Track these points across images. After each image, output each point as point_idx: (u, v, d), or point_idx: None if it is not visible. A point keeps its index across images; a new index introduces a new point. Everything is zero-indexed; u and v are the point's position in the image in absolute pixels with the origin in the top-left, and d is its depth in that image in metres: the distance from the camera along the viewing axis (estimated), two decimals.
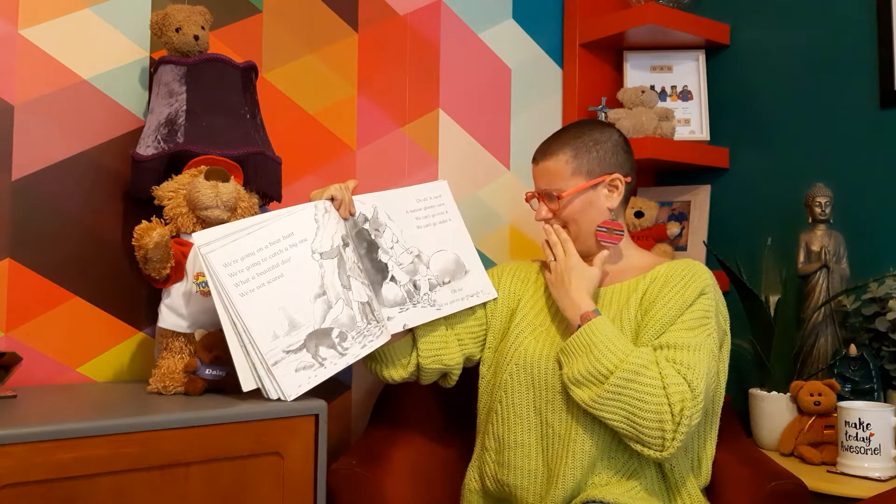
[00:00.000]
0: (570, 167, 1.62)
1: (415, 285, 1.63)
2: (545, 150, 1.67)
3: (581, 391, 1.47)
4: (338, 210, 1.57)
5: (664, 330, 1.50)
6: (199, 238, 1.43)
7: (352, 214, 1.59)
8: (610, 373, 1.43)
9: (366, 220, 1.62)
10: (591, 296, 1.57)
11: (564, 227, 1.64)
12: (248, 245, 1.46)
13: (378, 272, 1.60)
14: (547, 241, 1.64)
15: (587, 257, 1.62)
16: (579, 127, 1.69)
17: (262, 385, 1.41)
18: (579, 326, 1.51)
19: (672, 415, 1.40)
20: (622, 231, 1.63)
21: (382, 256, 1.62)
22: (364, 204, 1.62)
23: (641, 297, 1.57)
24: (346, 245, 1.56)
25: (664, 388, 1.42)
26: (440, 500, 1.71)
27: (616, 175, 1.63)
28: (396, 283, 1.61)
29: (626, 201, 1.68)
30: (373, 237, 1.62)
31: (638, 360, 1.44)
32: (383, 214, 1.64)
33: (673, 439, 1.40)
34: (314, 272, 1.50)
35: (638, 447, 1.45)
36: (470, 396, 1.73)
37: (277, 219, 1.50)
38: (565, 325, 1.60)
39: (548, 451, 1.55)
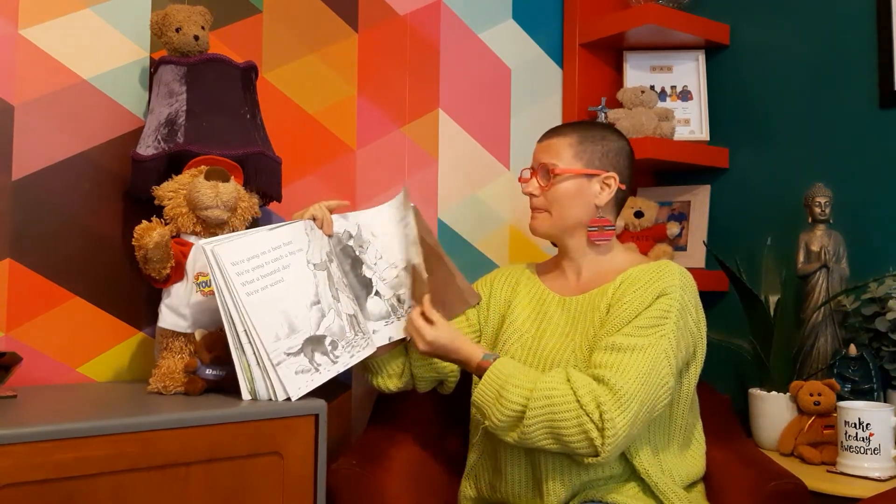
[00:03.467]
0: (572, 150, 1.63)
1: (398, 299, 1.65)
2: (553, 130, 1.68)
3: (508, 434, 1.45)
4: (321, 228, 1.60)
5: (618, 329, 1.49)
6: (203, 241, 1.46)
7: (329, 236, 1.61)
8: (524, 407, 1.41)
9: (350, 236, 1.65)
10: (462, 343, 1.55)
11: (546, 210, 1.63)
12: (254, 246, 1.49)
13: (363, 287, 1.63)
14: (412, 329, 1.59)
15: (566, 253, 1.67)
16: (593, 122, 1.74)
17: (255, 389, 1.42)
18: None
19: (593, 421, 1.38)
20: (613, 227, 1.63)
21: (367, 272, 1.65)
22: (348, 220, 1.65)
23: (609, 301, 1.55)
24: (330, 261, 1.59)
25: (577, 399, 1.39)
26: (440, 499, 1.71)
27: (612, 174, 1.63)
28: (381, 298, 1.64)
29: (618, 206, 1.67)
30: (357, 253, 1.65)
31: (547, 384, 1.42)
32: (367, 232, 1.67)
33: (603, 444, 1.38)
34: (310, 280, 1.53)
35: (578, 458, 1.44)
36: (469, 396, 1.73)
37: (275, 227, 1.53)
38: (551, 331, 1.61)
39: (533, 461, 1.55)
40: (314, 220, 1.59)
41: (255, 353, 1.42)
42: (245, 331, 1.43)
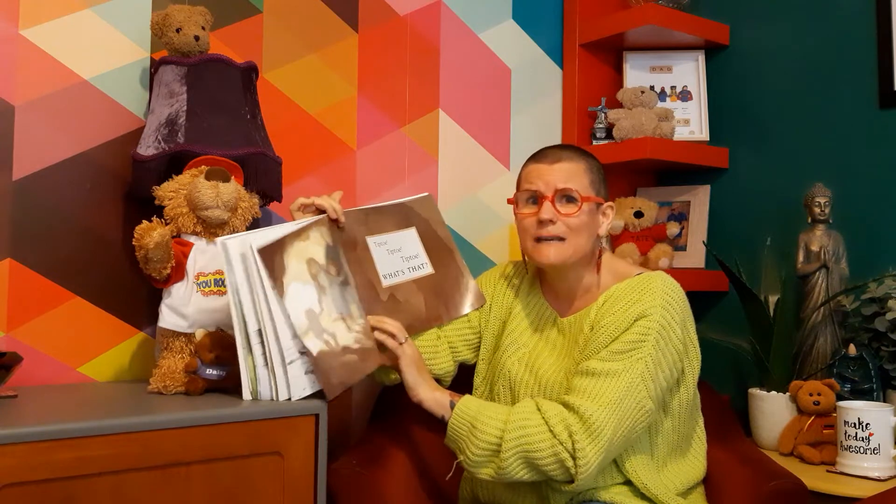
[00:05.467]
0: (588, 178, 1.57)
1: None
2: (561, 152, 1.60)
3: (484, 470, 1.43)
4: (331, 219, 1.60)
5: (592, 356, 1.47)
6: (224, 237, 1.46)
7: (340, 227, 1.61)
8: (500, 439, 1.40)
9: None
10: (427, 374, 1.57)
11: (561, 238, 1.54)
12: None
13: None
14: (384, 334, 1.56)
15: (562, 278, 1.62)
16: (579, 148, 1.67)
17: (258, 390, 1.42)
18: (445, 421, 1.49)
19: (567, 450, 1.37)
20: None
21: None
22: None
23: (592, 322, 1.53)
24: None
25: (549, 429, 1.39)
26: (439, 499, 1.71)
27: (611, 203, 1.62)
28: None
29: None
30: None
31: (520, 416, 1.42)
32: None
33: (577, 473, 1.37)
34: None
35: (555, 484, 1.44)
36: (469, 392, 1.73)
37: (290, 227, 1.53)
38: (549, 352, 1.60)
39: None
40: (324, 211, 1.59)
41: (264, 352, 1.42)
42: (258, 330, 1.42)
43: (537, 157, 1.62)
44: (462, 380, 1.72)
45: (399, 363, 1.55)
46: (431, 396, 1.52)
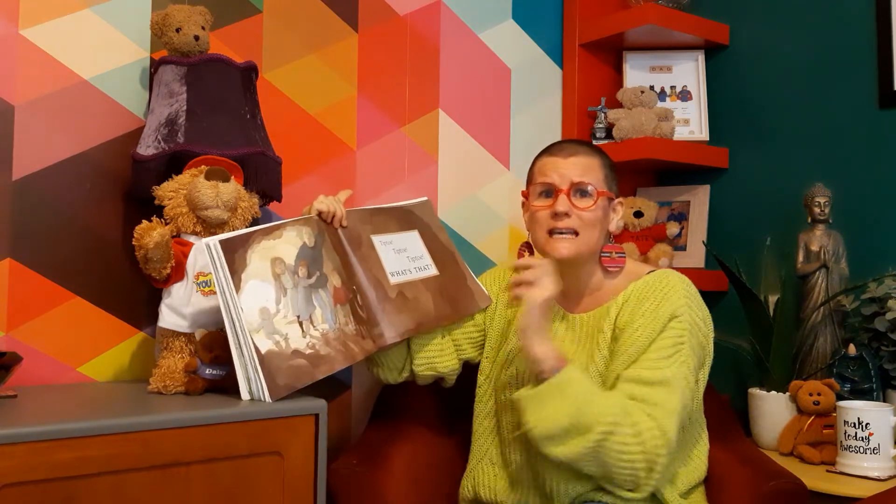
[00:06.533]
0: (602, 173, 1.58)
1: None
2: (577, 147, 1.60)
3: (559, 447, 1.35)
4: (330, 222, 1.59)
5: (635, 359, 1.45)
6: (206, 238, 1.45)
7: (343, 226, 1.60)
8: (590, 426, 1.33)
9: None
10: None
11: (575, 232, 1.54)
12: None
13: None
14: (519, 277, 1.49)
15: (573, 274, 1.60)
16: (594, 144, 1.66)
17: (253, 389, 1.42)
18: (542, 377, 1.39)
19: (647, 462, 1.36)
20: (623, 254, 1.61)
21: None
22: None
23: (614, 323, 1.52)
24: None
25: (641, 442, 1.35)
26: (440, 499, 1.71)
27: (621, 199, 1.63)
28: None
29: None
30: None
31: (614, 410, 1.36)
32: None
33: (646, 484, 1.38)
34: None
35: (610, 487, 1.43)
36: (471, 396, 1.73)
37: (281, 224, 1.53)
38: (556, 342, 1.57)
39: (537, 470, 1.54)
40: (320, 214, 1.57)
41: (249, 353, 1.42)
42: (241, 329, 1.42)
43: (552, 150, 1.61)
44: (471, 372, 1.72)
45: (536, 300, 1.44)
46: (543, 350, 1.40)
